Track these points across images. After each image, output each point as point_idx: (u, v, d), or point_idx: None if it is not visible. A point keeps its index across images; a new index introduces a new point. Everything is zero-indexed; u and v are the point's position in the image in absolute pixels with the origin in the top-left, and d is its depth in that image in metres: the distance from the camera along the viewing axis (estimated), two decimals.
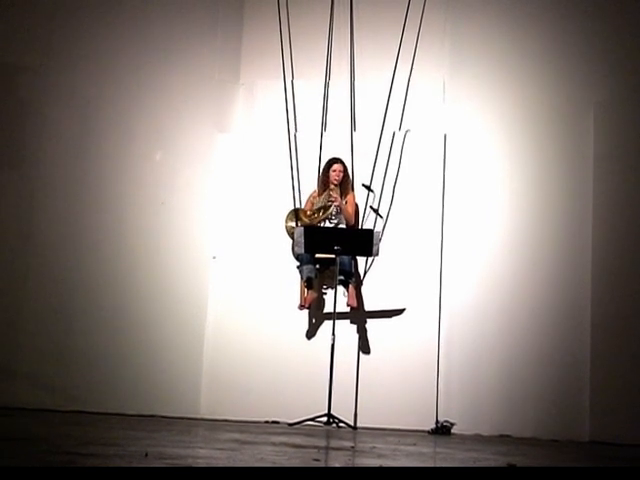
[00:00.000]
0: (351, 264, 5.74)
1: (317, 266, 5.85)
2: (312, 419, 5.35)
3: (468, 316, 5.86)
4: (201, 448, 3.51)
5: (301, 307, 5.85)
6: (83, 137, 6.00)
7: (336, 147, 6.12)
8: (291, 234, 5.85)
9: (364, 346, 5.95)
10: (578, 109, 5.86)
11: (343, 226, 5.90)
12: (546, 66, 5.96)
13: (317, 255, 5.75)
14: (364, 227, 5.95)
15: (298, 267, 5.83)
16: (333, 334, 5.38)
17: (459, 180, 6.08)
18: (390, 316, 5.93)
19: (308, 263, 5.75)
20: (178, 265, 6.09)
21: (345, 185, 5.99)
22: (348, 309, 5.82)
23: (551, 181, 5.85)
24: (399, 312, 5.94)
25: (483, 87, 6.11)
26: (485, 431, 5.66)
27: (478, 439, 5.34)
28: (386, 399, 5.80)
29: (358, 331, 5.99)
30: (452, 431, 5.63)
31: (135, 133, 6.08)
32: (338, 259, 5.50)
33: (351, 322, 5.99)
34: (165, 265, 6.05)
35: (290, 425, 5.40)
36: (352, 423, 5.62)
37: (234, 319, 6.12)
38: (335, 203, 5.84)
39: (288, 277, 5.99)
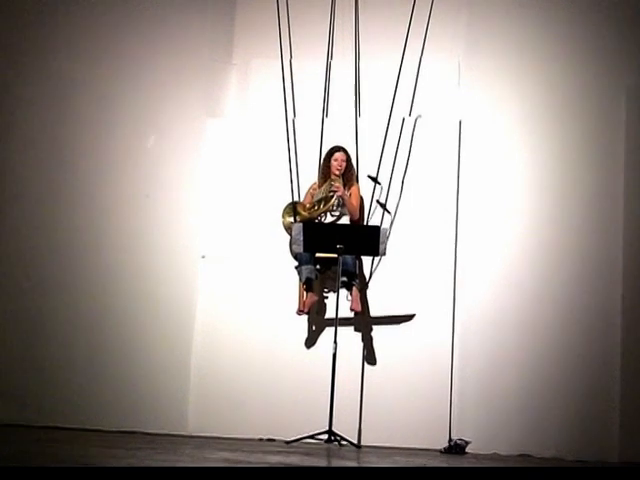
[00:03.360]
0: (355, 264, 5.73)
1: (317, 266, 5.86)
2: (311, 436, 5.36)
3: (484, 323, 5.85)
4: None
5: (299, 312, 5.84)
6: (58, 121, 6.00)
7: (339, 134, 6.11)
8: (288, 231, 5.86)
9: (369, 356, 5.95)
10: (608, 93, 5.86)
11: (346, 220, 5.91)
12: (572, 45, 5.97)
13: (317, 254, 5.75)
14: (370, 223, 5.94)
15: (296, 267, 5.83)
16: (335, 342, 5.39)
17: (475, 171, 6.06)
18: (398, 322, 5.94)
19: (307, 263, 5.75)
20: (163, 265, 6.08)
21: (348, 176, 5.99)
22: (352, 314, 5.83)
23: (577, 173, 5.85)
24: (408, 318, 5.95)
25: (502, 68, 6.09)
26: (503, 450, 5.65)
27: (495, 458, 5.36)
28: (393, 415, 5.82)
29: (363, 339, 6.00)
30: (467, 450, 5.63)
31: (116, 118, 6.08)
32: (341, 259, 5.50)
33: (355, 329, 6.00)
34: (149, 265, 6.05)
35: (287, 443, 5.41)
36: (356, 441, 5.64)
37: (225, 325, 6.12)
38: (337, 193, 5.84)
39: (285, 279, 5.99)
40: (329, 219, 5.90)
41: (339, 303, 5.48)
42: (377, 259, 5.88)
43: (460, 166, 6.05)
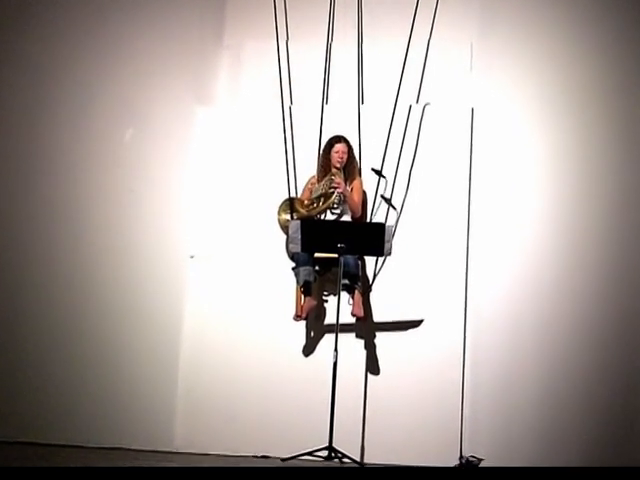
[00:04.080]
0: (357, 265, 5.69)
1: (316, 268, 5.82)
2: (310, 453, 5.31)
3: (499, 329, 5.79)
4: None
5: (297, 317, 5.81)
6: (33, 109, 5.75)
7: (340, 123, 6.07)
8: (285, 229, 5.82)
9: (373, 365, 5.91)
10: (632, 77, 5.71)
11: (348, 218, 5.86)
12: (593, 25, 5.85)
13: (316, 255, 5.71)
14: (373, 221, 5.93)
15: (293, 269, 5.79)
16: (335, 350, 5.32)
17: (489, 163, 5.99)
18: (405, 329, 5.91)
19: (305, 264, 5.71)
20: (148, 266, 6.00)
21: (350, 170, 5.94)
22: (353, 320, 5.80)
23: (599, 163, 5.72)
24: (416, 324, 5.91)
25: (518, 51, 6.01)
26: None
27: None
28: (399, 430, 5.78)
29: (365, 347, 5.96)
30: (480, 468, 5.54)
31: (97, 106, 5.87)
32: (342, 259, 5.44)
33: (357, 336, 5.97)
34: (132, 266, 5.94)
35: (283, 460, 5.35)
36: (358, 458, 5.60)
37: (215, 332, 6.10)
38: (338, 190, 5.79)
39: (281, 281, 5.96)
40: (329, 217, 5.89)
41: (340, 308, 5.41)
42: (381, 260, 5.88)
43: (472, 158, 6.00)
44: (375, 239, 5.43)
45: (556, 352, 5.61)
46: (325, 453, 5.25)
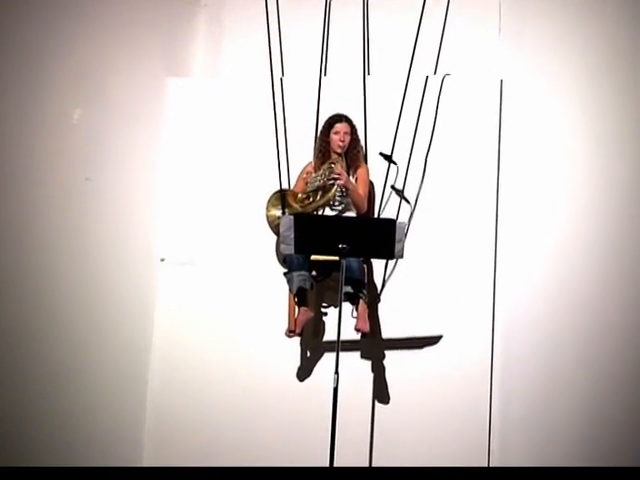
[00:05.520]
0: (363, 270, 5.39)
1: (313, 273, 5.54)
2: None
3: (534, 351, 5.50)
4: None
5: (289, 333, 5.50)
6: None
7: (341, 99, 5.80)
8: (275, 227, 5.55)
9: (381, 391, 5.65)
10: None
11: (351, 214, 5.57)
12: None
13: (313, 257, 5.43)
14: (382, 217, 5.66)
15: (286, 274, 5.48)
16: (336, 373, 4.90)
17: (521, 145, 5.72)
18: (420, 347, 5.64)
19: (300, 269, 5.42)
20: (112, 270, 5.81)
21: (354, 155, 5.64)
22: (358, 336, 5.43)
23: None
24: (433, 341, 5.65)
25: (556, 12, 5.73)
26: None
27: None
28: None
29: (373, 369, 5.69)
30: None
31: (47, 78, 5.62)
32: (344, 263, 5.05)
33: (362, 356, 5.70)
34: (93, 269, 5.74)
35: None
36: None
37: (190, 351, 5.91)
38: (339, 181, 5.44)
39: (270, 289, 5.75)
40: (328, 214, 5.62)
41: (341, 321, 4.99)
42: (392, 263, 5.65)
43: (501, 140, 5.72)
44: (384, 238, 5.08)
45: (600, 366, 5.44)
46: None
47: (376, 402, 5.62)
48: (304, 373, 5.74)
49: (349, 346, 5.44)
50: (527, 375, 5.57)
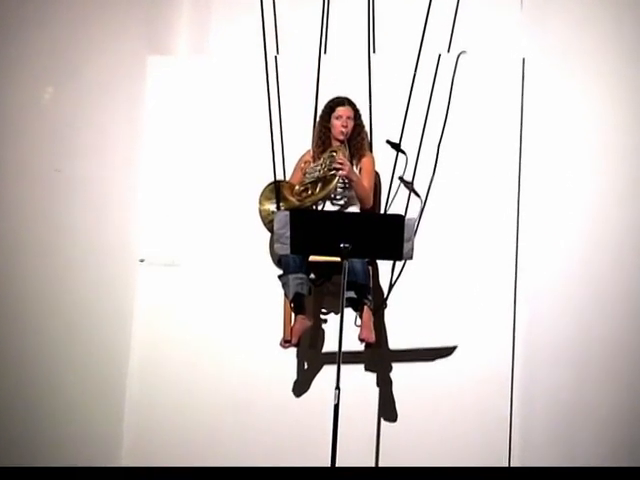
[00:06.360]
0: (367, 273, 5.26)
1: (312, 276, 5.45)
2: None
3: (557, 357, 5.34)
4: None
5: (285, 343, 5.35)
6: None
7: (343, 80, 5.66)
8: (269, 223, 5.41)
9: (387, 408, 5.51)
10: None
11: (355, 209, 5.45)
12: None
13: (311, 258, 5.32)
14: (389, 212, 5.55)
15: (281, 277, 5.35)
16: (337, 388, 4.70)
17: (545, 132, 5.54)
18: (431, 359, 5.52)
19: (297, 271, 5.29)
20: (87, 271, 5.60)
21: (358, 142, 5.50)
22: (362, 347, 5.32)
23: None
24: (446, 352, 5.53)
25: None
26: None
27: None
28: None
29: (378, 383, 5.56)
30: None
31: (13, 53, 5.30)
32: (346, 265, 4.85)
33: (366, 368, 5.57)
34: (66, 270, 5.52)
35: None
36: None
37: (172, 360, 5.75)
38: (341, 171, 5.30)
39: (264, 294, 5.63)
40: (329, 209, 5.53)
41: (343, 330, 4.78)
42: (399, 265, 5.46)
43: (523, 124, 5.56)
44: (391, 237, 4.89)
45: (630, 374, 5.31)
46: None
47: (382, 420, 5.50)
48: (301, 388, 5.63)
49: (352, 358, 5.35)
50: (550, 387, 5.41)
